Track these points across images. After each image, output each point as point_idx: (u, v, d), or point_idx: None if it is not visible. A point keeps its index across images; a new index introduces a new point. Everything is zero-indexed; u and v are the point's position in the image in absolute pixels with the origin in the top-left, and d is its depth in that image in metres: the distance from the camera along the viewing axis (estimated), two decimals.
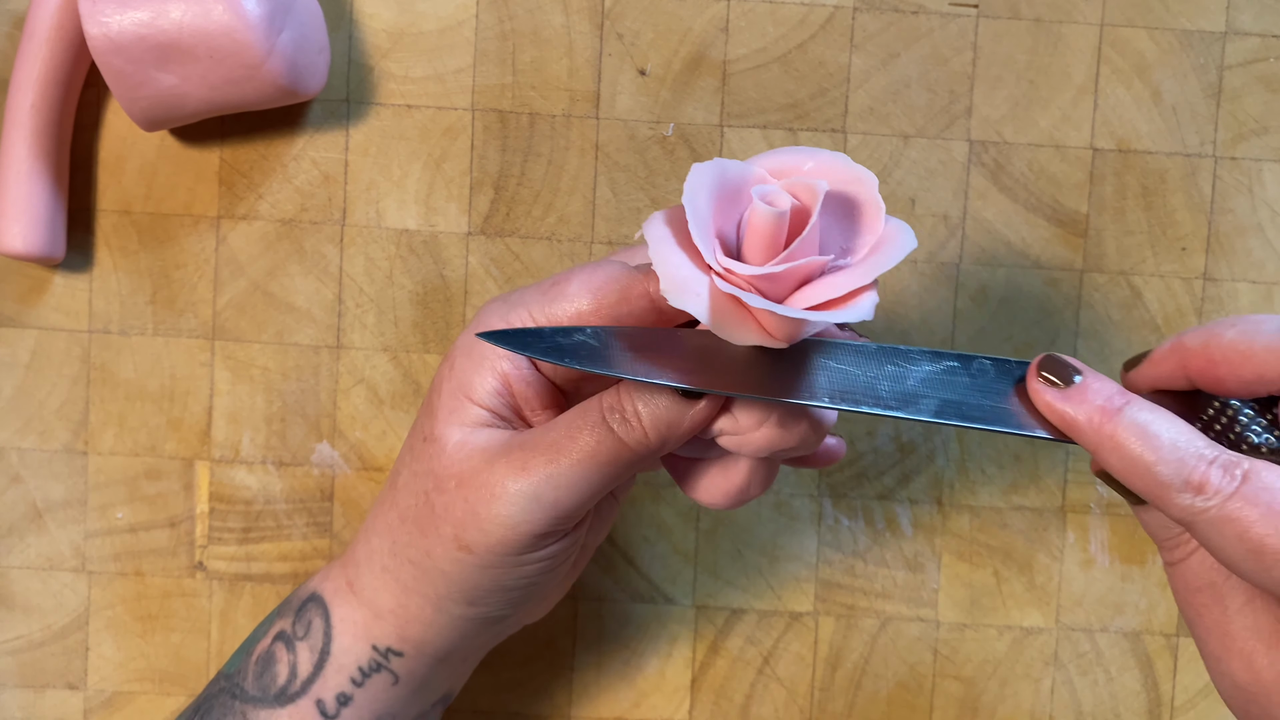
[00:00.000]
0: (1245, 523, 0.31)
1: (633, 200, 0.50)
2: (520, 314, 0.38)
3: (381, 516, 0.41)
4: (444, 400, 0.39)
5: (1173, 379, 0.36)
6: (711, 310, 0.34)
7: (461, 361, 0.39)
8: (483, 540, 0.38)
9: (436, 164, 0.50)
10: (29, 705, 0.51)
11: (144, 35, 0.43)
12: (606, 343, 0.36)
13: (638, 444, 0.37)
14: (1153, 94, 0.50)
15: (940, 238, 0.50)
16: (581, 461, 0.37)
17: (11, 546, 0.50)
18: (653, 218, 0.35)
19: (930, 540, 0.51)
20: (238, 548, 0.50)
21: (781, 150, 0.37)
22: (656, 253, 0.34)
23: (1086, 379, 0.34)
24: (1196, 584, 0.35)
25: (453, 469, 0.38)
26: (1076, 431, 0.34)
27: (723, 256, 0.34)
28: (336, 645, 0.41)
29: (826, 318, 0.33)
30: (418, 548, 0.39)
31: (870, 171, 0.36)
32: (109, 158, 0.50)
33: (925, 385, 0.36)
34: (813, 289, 0.35)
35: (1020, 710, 0.51)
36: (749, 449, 0.38)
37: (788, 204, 0.35)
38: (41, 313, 0.50)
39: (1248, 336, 0.34)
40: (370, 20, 0.49)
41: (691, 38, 0.49)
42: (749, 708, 0.51)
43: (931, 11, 0.49)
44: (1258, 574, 0.32)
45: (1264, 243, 0.50)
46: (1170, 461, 0.32)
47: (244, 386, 0.50)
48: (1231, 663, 0.34)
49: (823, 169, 0.36)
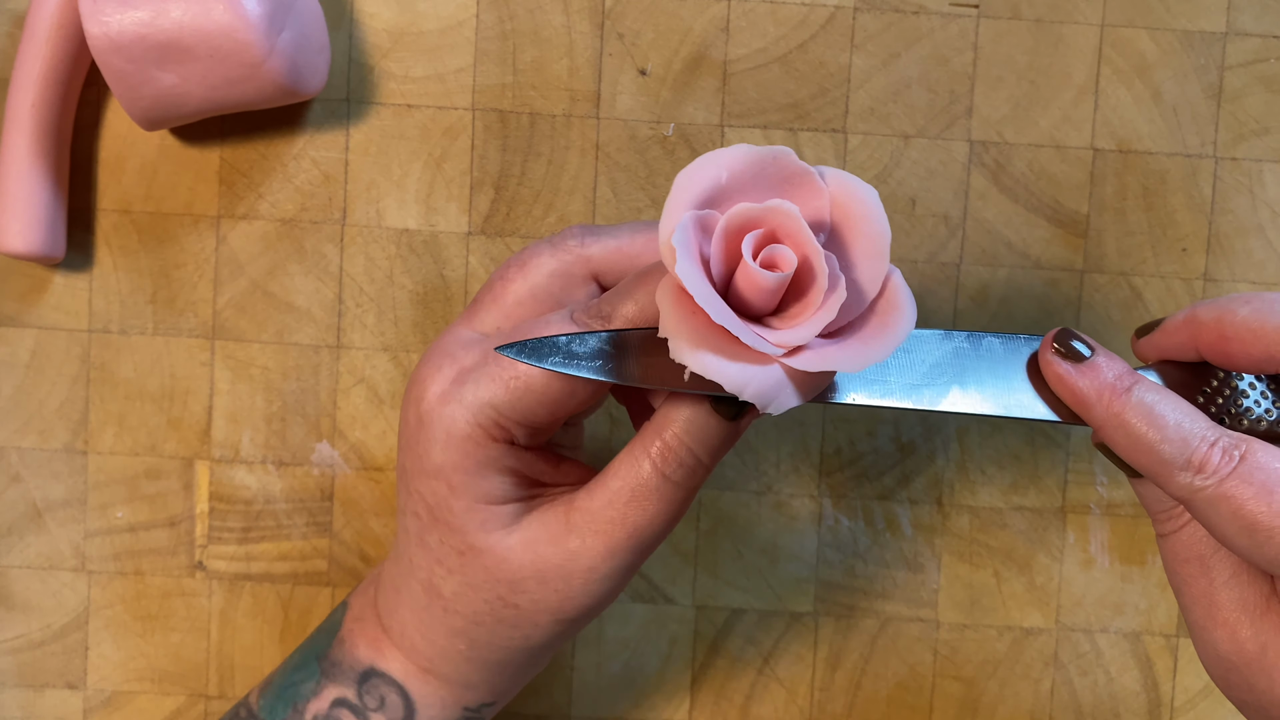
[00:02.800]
0: (1240, 500, 0.32)
1: (633, 200, 0.50)
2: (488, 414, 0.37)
3: (440, 622, 0.40)
4: (466, 518, 0.38)
5: (1182, 350, 0.37)
6: (804, 394, 0.33)
7: (460, 478, 0.37)
8: (585, 614, 0.39)
9: (437, 164, 0.50)
10: (28, 705, 0.51)
11: (144, 34, 0.43)
12: (623, 346, 0.35)
13: (701, 481, 0.37)
14: (1153, 94, 0.50)
15: (940, 238, 0.50)
16: (658, 522, 0.37)
17: (11, 546, 0.50)
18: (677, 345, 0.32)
19: (930, 540, 0.51)
20: (237, 547, 0.50)
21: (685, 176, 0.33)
22: (729, 381, 0.32)
23: (1098, 356, 0.35)
24: (1186, 555, 0.36)
25: (527, 571, 0.38)
26: (1085, 407, 0.35)
27: (776, 336, 0.33)
28: (423, 715, 0.41)
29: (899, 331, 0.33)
30: (510, 637, 0.39)
31: (780, 146, 0.34)
32: (109, 157, 0.49)
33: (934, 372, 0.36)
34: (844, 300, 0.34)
35: (1020, 710, 0.51)
36: None
37: (794, 263, 0.33)
38: (41, 312, 0.50)
39: (1261, 315, 0.34)
40: (370, 20, 0.49)
41: (692, 38, 0.49)
42: (749, 708, 0.51)
43: (932, 12, 0.49)
44: (1250, 550, 0.33)
45: (1264, 243, 0.50)
46: (1174, 441, 0.33)
47: (244, 386, 0.50)
48: (1216, 632, 0.35)
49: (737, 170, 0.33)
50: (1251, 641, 0.35)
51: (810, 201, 0.34)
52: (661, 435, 0.36)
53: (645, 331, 0.35)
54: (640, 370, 0.35)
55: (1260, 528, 0.32)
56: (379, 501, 0.50)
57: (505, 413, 0.37)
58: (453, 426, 0.37)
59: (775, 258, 0.33)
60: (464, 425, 0.37)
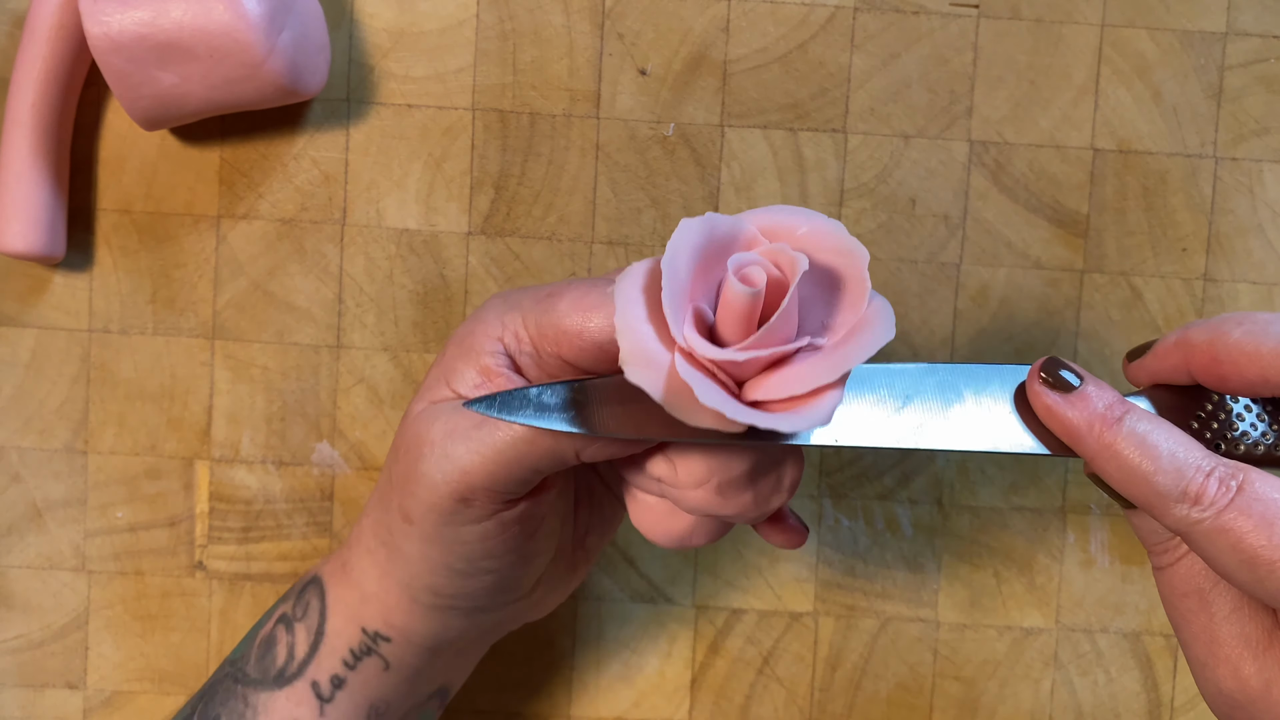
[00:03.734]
0: (1239, 533, 0.31)
1: (633, 200, 0.50)
2: (514, 316, 0.37)
3: (371, 498, 0.41)
4: (428, 383, 0.38)
5: (1175, 374, 0.36)
6: (665, 390, 0.32)
7: (453, 350, 0.38)
8: (415, 505, 0.37)
9: (437, 163, 0.50)
10: (28, 705, 0.51)
11: (145, 34, 0.43)
12: (594, 394, 0.35)
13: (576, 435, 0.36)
14: (1153, 94, 0.50)
15: (940, 238, 0.50)
16: (511, 433, 0.35)
17: (11, 546, 0.50)
18: (630, 271, 0.33)
19: (930, 541, 0.51)
20: (237, 547, 0.50)
21: (778, 209, 0.35)
22: (622, 318, 0.32)
23: (1087, 385, 0.34)
24: (1184, 589, 0.35)
25: (405, 438, 0.37)
26: (1076, 439, 0.34)
27: (690, 332, 0.33)
28: (330, 626, 0.41)
29: (774, 423, 0.32)
30: (383, 525, 0.39)
31: (861, 246, 0.34)
32: (109, 157, 0.49)
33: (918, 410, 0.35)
34: (780, 376, 0.33)
35: (1020, 711, 0.51)
36: (685, 505, 0.36)
37: (762, 282, 0.33)
38: (41, 312, 0.50)
39: (1254, 337, 0.34)
40: (371, 20, 0.49)
41: (692, 38, 0.49)
42: (749, 708, 0.51)
43: (932, 12, 0.49)
44: (1251, 584, 0.32)
45: (1264, 243, 0.50)
46: (1168, 472, 0.32)
47: (244, 386, 0.50)
48: (1218, 669, 0.34)
49: (816, 236, 0.34)
50: (1255, 678, 0.34)
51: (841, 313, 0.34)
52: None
53: (614, 380, 0.35)
54: (612, 420, 0.35)
55: (1261, 561, 0.31)
56: None
57: (527, 322, 0.37)
58: (484, 312, 0.38)
59: (750, 275, 0.33)
60: (490, 314, 0.38)
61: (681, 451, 0.36)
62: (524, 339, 0.37)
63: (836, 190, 0.50)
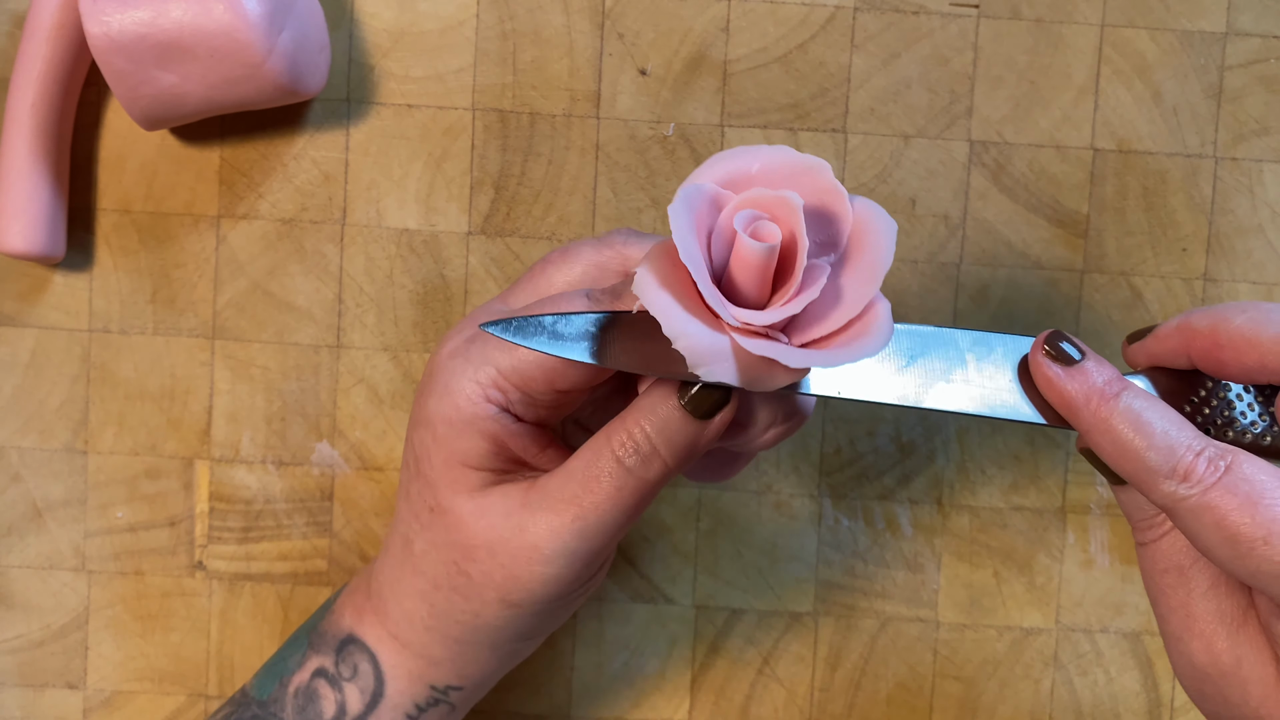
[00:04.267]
0: (1223, 511, 0.32)
1: (633, 200, 0.50)
2: (487, 372, 0.37)
3: (408, 582, 0.40)
4: (441, 472, 0.38)
5: (1174, 357, 0.37)
6: (741, 372, 0.33)
7: (444, 430, 0.38)
8: (529, 597, 0.38)
9: (437, 163, 0.50)
10: (28, 705, 0.51)
11: (145, 34, 0.43)
12: (607, 328, 0.35)
13: (658, 475, 0.37)
14: (1153, 95, 0.50)
15: (941, 238, 0.50)
16: (606, 508, 0.37)
17: (11, 546, 0.50)
18: (642, 278, 0.33)
19: (930, 540, 0.51)
20: (237, 547, 0.50)
21: (721, 156, 0.35)
22: (671, 326, 0.32)
23: (1088, 360, 0.35)
24: (1165, 565, 0.36)
25: (479, 539, 0.38)
26: (1073, 411, 0.35)
27: (738, 310, 0.33)
28: (391, 688, 0.41)
29: (861, 353, 0.32)
30: (463, 610, 0.39)
31: (816, 158, 0.34)
32: (109, 157, 0.49)
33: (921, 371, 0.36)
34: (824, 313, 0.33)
35: (1020, 711, 0.51)
36: (761, 446, 0.38)
37: (777, 235, 0.33)
38: (41, 312, 0.50)
39: (1256, 324, 0.34)
40: (371, 20, 0.49)
41: (692, 38, 0.49)
42: (749, 708, 0.51)
43: (932, 12, 0.49)
44: (1231, 561, 0.32)
45: (1264, 244, 0.50)
46: (1159, 449, 0.33)
47: (244, 386, 0.50)
48: (1191, 643, 0.35)
49: (771, 167, 0.34)
50: (1227, 654, 0.34)
51: (834, 223, 0.34)
52: (625, 421, 0.37)
53: (631, 315, 0.35)
54: (623, 354, 0.35)
55: (1242, 539, 0.32)
56: (379, 501, 0.50)
57: (505, 374, 0.37)
58: (451, 379, 0.38)
59: (761, 230, 0.33)
60: (462, 379, 0.38)
61: (750, 415, 0.36)
62: (508, 389, 0.38)
63: None
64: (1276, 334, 0.34)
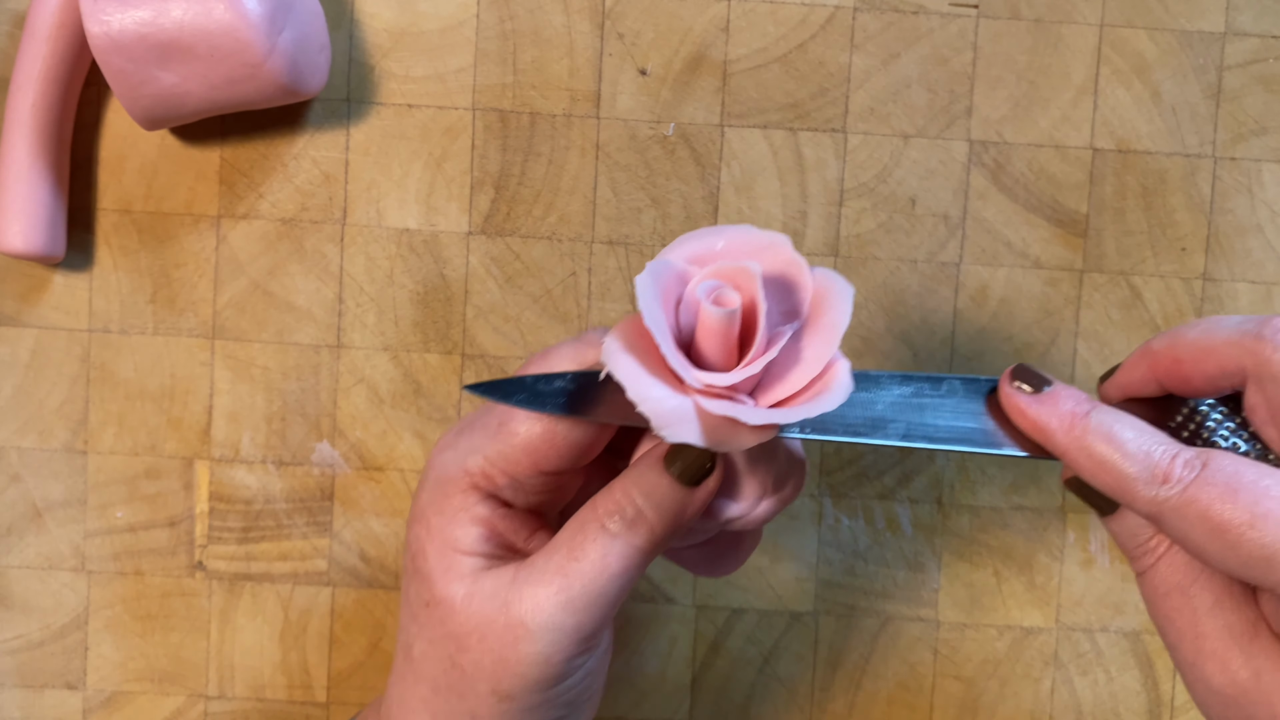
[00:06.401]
0: (1205, 503, 0.32)
1: (633, 200, 0.50)
2: (475, 460, 0.37)
3: (411, 692, 0.39)
4: (435, 563, 0.38)
5: (1144, 384, 0.37)
6: (706, 433, 0.34)
7: (437, 520, 0.38)
8: (520, 684, 0.37)
9: (437, 163, 0.50)
10: (28, 705, 0.51)
11: (145, 34, 0.43)
12: (586, 385, 0.36)
13: (645, 542, 0.36)
14: (1152, 94, 0.50)
15: (940, 238, 0.50)
16: (592, 577, 0.36)
17: (11, 546, 0.50)
18: (609, 346, 0.34)
19: (930, 540, 0.51)
20: (237, 547, 0.50)
21: (688, 236, 0.36)
22: (635, 390, 0.34)
23: (1056, 387, 0.36)
24: (1165, 588, 0.36)
25: (470, 625, 0.37)
26: (1048, 436, 0.35)
27: (700, 374, 0.34)
28: None
29: (818, 409, 0.33)
30: (460, 713, 0.38)
31: (777, 233, 0.36)
32: (109, 156, 0.50)
33: (894, 409, 0.37)
34: (785, 374, 0.35)
35: (1020, 710, 0.51)
36: (757, 521, 0.38)
37: (736, 300, 0.34)
38: (41, 312, 0.50)
39: (1208, 333, 0.35)
40: (371, 20, 0.49)
41: (692, 38, 0.49)
42: (749, 707, 0.51)
43: (932, 12, 0.49)
44: (1223, 554, 0.32)
45: (1263, 243, 0.50)
46: (1136, 457, 0.34)
47: (244, 386, 0.50)
48: (1206, 666, 0.35)
49: (734, 244, 0.36)
50: (1244, 669, 0.34)
51: (796, 292, 0.35)
52: (612, 489, 0.37)
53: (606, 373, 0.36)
54: (602, 407, 0.36)
55: (1230, 528, 0.32)
56: (379, 501, 0.50)
57: (492, 460, 0.37)
58: (442, 471, 0.38)
59: (722, 297, 0.35)
60: (451, 468, 0.38)
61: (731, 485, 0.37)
62: (495, 474, 0.38)
63: (836, 190, 0.50)
64: (1226, 338, 0.35)
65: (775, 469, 0.37)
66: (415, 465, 0.50)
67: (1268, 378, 0.34)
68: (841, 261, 0.50)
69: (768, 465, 0.37)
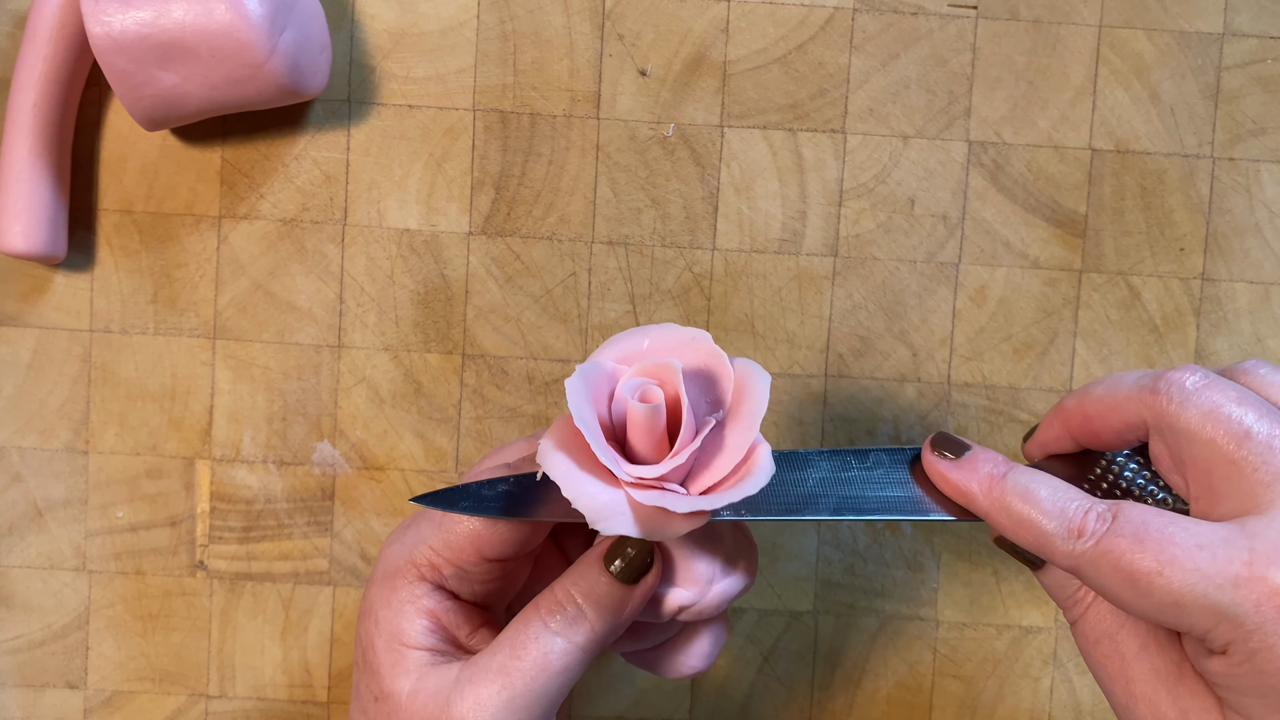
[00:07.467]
0: (1116, 553, 0.33)
1: (633, 200, 0.50)
2: (423, 551, 0.39)
3: None
4: (383, 656, 0.39)
5: (1060, 441, 0.39)
6: (639, 523, 0.35)
7: (384, 613, 0.39)
8: None
9: (438, 164, 0.50)
10: (29, 704, 0.51)
11: (146, 34, 0.44)
12: (526, 486, 0.38)
13: (585, 640, 0.37)
14: (1151, 95, 0.50)
15: (939, 238, 0.50)
16: (533, 675, 0.37)
17: (12, 546, 0.50)
18: (544, 448, 0.36)
19: (929, 539, 0.51)
20: (238, 547, 0.50)
21: (617, 338, 0.38)
22: (569, 488, 0.35)
23: (975, 451, 0.38)
24: (1095, 636, 0.37)
25: None
26: (969, 499, 0.37)
27: (630, 468, 0.36)
28: None
29: (742, 492, 0.35)
30: None
31: (699, 330, 0.38)
32: (110, 157, 0.50)
33: (823, 485, 0.38)
34: (711, 462, 0.37)
35: (1019, 709, 0.51)
36: (711, 609, 0.39)
37: (661, 396, 0.36)
38: (43, 312, 0.50)
39: (1110, 389, 0.37)
40: (372, 20, 0.49)
41: (692, 38, 0.49)
42: (749, 707, 0.51)
43: (931, 13, 0.49)
44: (1137, 601, 0.33)
45: (1262, 243, 0.50)
46: (1051, 514, 0.35)
47: (245, 386, 0.50)
48: (1137, 709, 0.36)
49: (659, 343, 0.38)
50: (1172, 710, 0.35)
51: (718, 383, 0.38)
52: (553, 589, 0.38)
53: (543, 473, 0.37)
54: (543, 506, 0.37)
55: (1140, 575, 0.33)
56: (380, 501, 0.51)
57: (437, 549, 0.39)
58: (389, 563, 0.39)
59: (647, 393, 0.37)
60: (398, 560, 0.39)
61: (678, 574, 0.39)
62: (441, 564, 0.39)
63: (835, 190, 0.50)
64: (1127, 393, 0.36)
65: (723, 551, 0.39)
66: (416, 465, 0.50)
67: (1165, 428, 0.35)
68: (841, 262, 0.50)
69: (713, 550, 0.39)
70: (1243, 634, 0.32)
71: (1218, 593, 0.32)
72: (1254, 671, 0.33)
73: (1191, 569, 0.32)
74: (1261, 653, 0.32)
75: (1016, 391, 0.50)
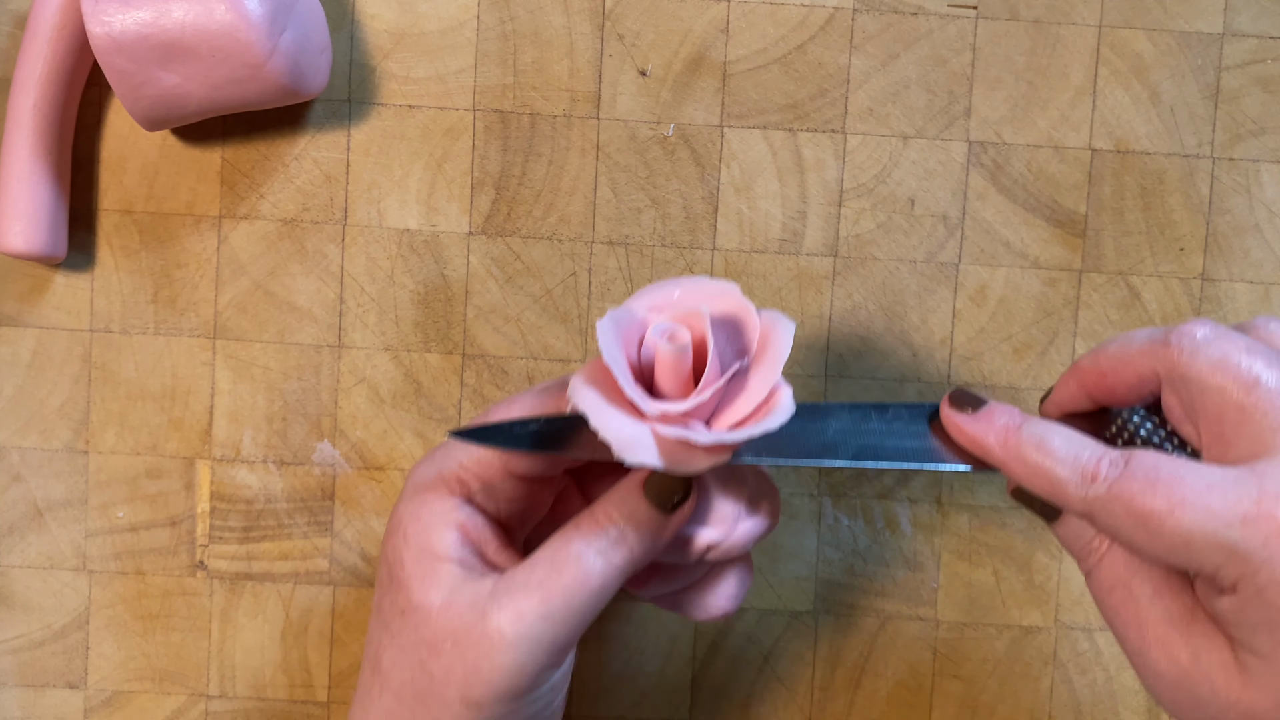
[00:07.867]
0: (1129, 495, 0.34)
1: (633, 200, 0.50)
2: (451, 465, 0.40)
3: (375, 704, 0.40)
4: (412, 569, 0.39)
5: (1077, 400, 0.40)
6: (663, 456, 0.37)
7: (414, 527, 0.40)
8: (490, 692, 0.38)
9: (438, 164, 0.50)
10: (29, 704, 0.51)
11: (146, 34, 0.44)
12: (557, 426, 0.39)
13: (623, 562, 0.38)
14: (1151, 95, 0.50)
15: (939, 238, 0.50)
16: (573, 592, 0.38)
17: (12, 546, 0.50)
18: (575, 384, 0.38)
19: (929, 539, 0.51)
20: (239, 547, 0.50)
21: (648, 288, 0.40)
22: (597, 420, 0.37)
23: (992, 405, 0.39)
24: (1109, 584, 0.38)
25: (445, 630, 0.38)
26: (986, 449, 0.38)
27: (656, 404, 0.37)
28: None
29: (762, 428, 0.36)
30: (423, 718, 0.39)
31: (728, 282, 0.39)
32: (111, 157, 0.50)
33: (843, 434, 0.39)
34: (734, 402, 0.38)
35: (1019, 709, 0.51)
36: (740, 547, 0.40)
37: (688, 337, 0.38)
38: (43, 312, 0.50)
39: (1124, 346, 0.38)
40: (372, 20, 0.49)
41: (692, 38, 0.49)
42: (749, 707, 0.51)
43: (931, 13, 0.50)
44: (1149, 542, 0.34)
45: (1261, 243, 0.50)
46: (1065, 461, 0.36)
47: (245, 386, 0.50)
48: (1150, 653, 0.37)
49: (691, 293, 0.39)
50: (1184, 651, 0.36)
51: (745, 332, 0.39)
52: (594, 511, 0.39)
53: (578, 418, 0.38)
54: (575, 446, 0.38)
55: (1152, 517, 0.34)
56: (380, 501, 0.51)
57: (466, 465, 0.40)
58: (419, 479, 0.40)
59: (675, 335, 0.38)
60: (428, 476, 0.40)
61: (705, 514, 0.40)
62: (470, 478, 0.40)
63: (835, 190, 0.50)
64: (1140, 348, 0.37)
65: (746, 493, 0.40)
66: None
67: (1177, 379, 0.36)
68: (841, 262, 0.50)
69: (738, 489, 0.40)
70: (1251, 569, 0.33)
71: (1227, 530, 0.33)
72: (1263, 606, 0.33)
73: (1201, 508, 0.33)
74: (1270, 587, 0.33)
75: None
